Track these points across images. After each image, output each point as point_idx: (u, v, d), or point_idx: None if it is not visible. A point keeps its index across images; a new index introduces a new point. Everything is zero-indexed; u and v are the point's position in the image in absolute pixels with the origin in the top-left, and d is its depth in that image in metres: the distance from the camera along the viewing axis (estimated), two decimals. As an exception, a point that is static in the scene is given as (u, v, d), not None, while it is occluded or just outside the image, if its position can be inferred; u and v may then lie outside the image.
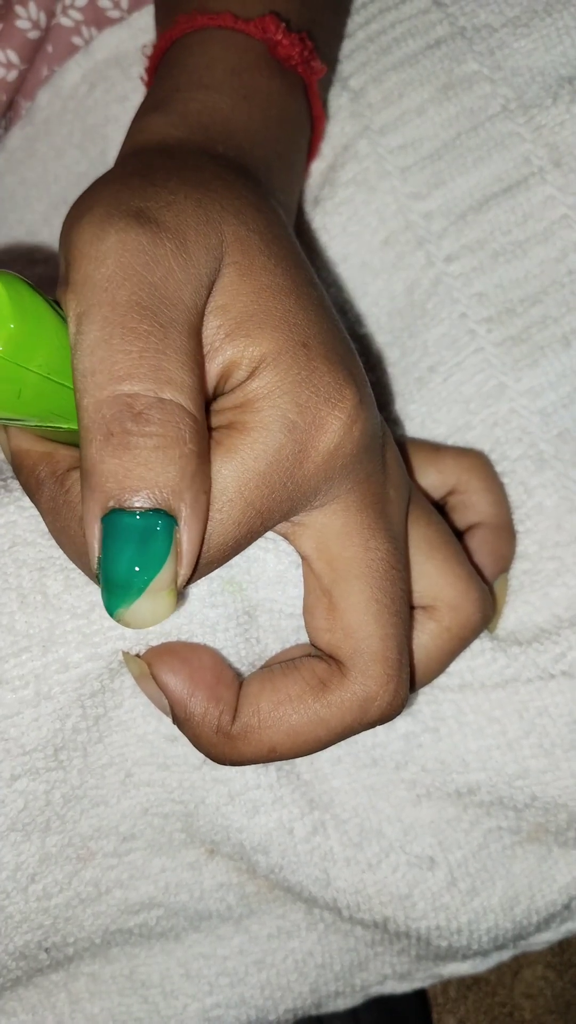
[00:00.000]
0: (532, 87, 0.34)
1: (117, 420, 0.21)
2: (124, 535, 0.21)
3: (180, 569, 0.22)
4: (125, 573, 0.22)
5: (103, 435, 0.21)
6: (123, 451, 0.21)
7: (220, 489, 0.23)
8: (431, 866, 0.33)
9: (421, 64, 0.36)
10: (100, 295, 0.22)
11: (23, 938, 0.32)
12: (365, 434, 0.24)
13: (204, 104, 0.29)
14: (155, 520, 0.21)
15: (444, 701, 0.32)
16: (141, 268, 0.22)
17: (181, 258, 0.22)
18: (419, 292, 0.35)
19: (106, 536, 0.22)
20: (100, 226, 0.22)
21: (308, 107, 0.33)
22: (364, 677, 0.25)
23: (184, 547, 0.22)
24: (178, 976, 0.35)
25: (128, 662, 0.27)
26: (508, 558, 0.32)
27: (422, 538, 0.27)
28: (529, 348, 0.33)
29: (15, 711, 0.27)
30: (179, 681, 0.26)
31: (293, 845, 0.31)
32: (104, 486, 0.21)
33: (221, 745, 0.26)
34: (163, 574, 0.22)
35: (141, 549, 0.21)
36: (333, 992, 0.37)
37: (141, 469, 0.21)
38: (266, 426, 0.23)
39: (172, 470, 0.21)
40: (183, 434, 0.21)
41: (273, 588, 0.28)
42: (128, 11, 0.39)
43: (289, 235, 0.26)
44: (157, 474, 0.21)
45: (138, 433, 0.21)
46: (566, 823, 0.33)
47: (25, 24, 0.38)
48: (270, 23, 0.31)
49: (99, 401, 0.21)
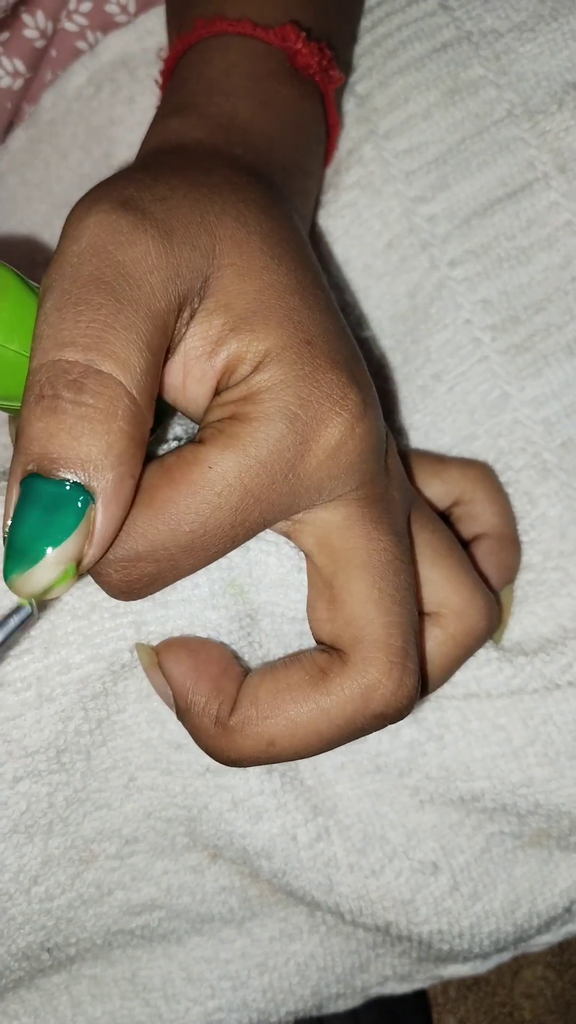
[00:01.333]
0: (538, 92, 0.34)
1: (50, 383, 0.21)
2: (34, 500, 0.21)
3: (89, 549, 0.22)
4: (26, 539, 0.21)
5: (35, 396, 0.21)
6: (49, 415, 0.21)
7: (220, 474, 0.22)
8: (434, 871, 0.33)
9: (427, 68, 0.35)
10: (66, 268, 0.22)
11: (25, 939, 0.32)
12: (369, 435, 0.24)
13: (223, 109, 0.29)
14: (70, 493, 0.21)
15: (449, 709, 0.32)
16: (112, 246, 0.22)
17: (161, 246, 0.22)
18: (422, 296, 0.35)
19: (20, 499, 0.21)
20: (86, 209, 0.23)
21: (324, 115, 0.33)
22: (365, 664, 0.24)
23: (97, 527, 0.21)
24: (180, 979, 0.35)
25: (140, 652, 0.27)
26: (513, 569, 0.32)
27: (427, 546, 0.27)
28: (533, 357, 0.33)
29: (17, 713, 0.27)
30: (184, 671, 0.26)
31: (296, 851, 0.31)
32: (28, 448, 0.21)
33: (219, 737, 0.25)
34: (64, 547, 0.21)
35: (47, 518, 0.21)
36: (334, 994, 0.37)
37: (65, 436, 0.21)
38: (268, 416, 0.23)
39: (97, 444, 0.21)
40: (115, 410, 0.21)
41: (275, 591, 0.28)
42: (135, 14, 0.39)
43: (298, 237, 0.26)
44: (81, 444, 0.21)
45: (68, 400, 0.21)
46: (568, 828, 0.33)
47: (33, 33, 0.38)
48: (290, 32, 0.31)
49: (40, 365, 0.21)
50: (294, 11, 0.32)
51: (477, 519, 0.32)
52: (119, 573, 0.23)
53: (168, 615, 0.27)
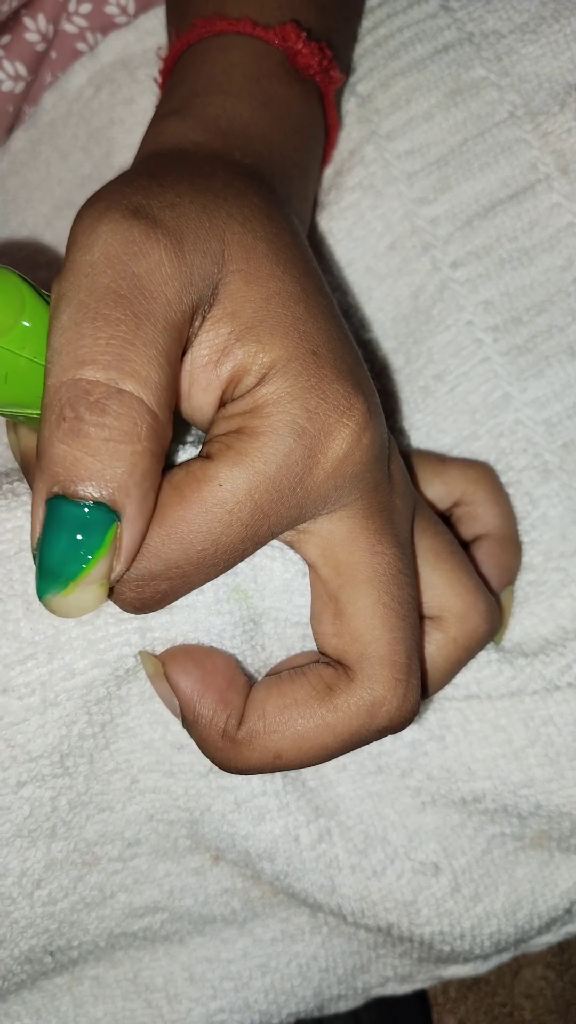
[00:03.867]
0: (539, 94, 0.34)
1: (71, 405, 0.21)
2: (62, 523, 0.21)
3: (116, 565, 0.22)
4: (58, 561, 0.22)
5: (56, 417, 0.21)
6: (73, 438, 0.21)
7: (230, 491, 0.23)
8: (435, 872, 0.33)
9: (429, 69, 0.35)
10: (80, 279, 0.22)
11: (28, 943, 0.32)
12: (374, 444, 0.24)
13: (222, 109, 0.29)
14: (96, 513, 0.21)
15: (450, 710, 0.32)
16: (126, 257, 0.22)
17: (173, 255, 0.22)
18: (424, 298, 0.35)
19: (47, 520, 0.22)
20: (97, 218, 0.23)
21: (324, 115, 0.33)
22: (371, 681, 0.25)
23: (124, 543, 0.22)
24: (182, 980, 0.35)
25: (144, 660, 0.27)
26: (514, 570, 0.32)
27: (428, 549, 0.27)
28: (535, 358, 0.33)
29: (21, 718, 0.27)
30: (190, 682, 0.26)
31: (299, 852, 0.31)
32: (52, 470, 0.21)
33: (226, 750, 0.26)
34: (96, 568, 0.22)
35: (77, 540, 0.21)
36: (336, 995, 0.37)
37: (90, 459, 0.21)
38: (276, 431, 0.23)
39: (121, 465, 0.21)
40: (138, 430, 0.21)
41: (279, 597, 0.28)
42: (134, 15, 0.39)
43: (300, 243, 0.26)
44: (105, 467, 0.21)
45: (91, 422, 0.21)
46: (569, 830, 0.33)
47: (34, 37, 0.38)
48: (290, 32, 0.31)
49: (60, 383, 0.21)
50: (295, 11, 0.32)
51: (478, 520, 0.32)
52: (133, 592, 0.23)
53: (172, 621, 0.27)
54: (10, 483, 0.29)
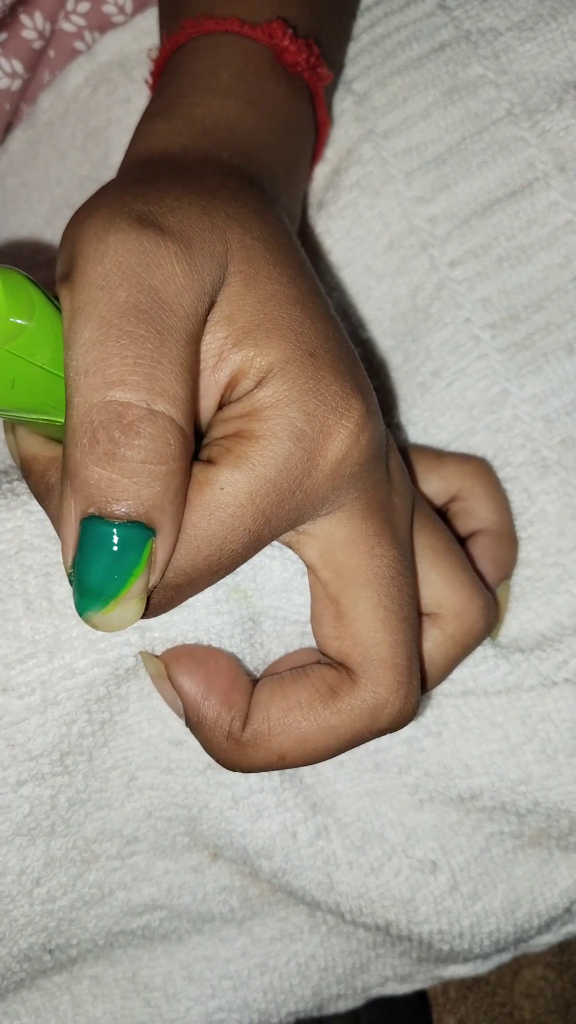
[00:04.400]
0: (537, 92, 0.34)
1: (105, 428, 0.21)
2: (101, 543, 0.22)
3: (152, 577, 0.23)
4: (99, 580, 0.22)
5: (89, 440, 0.21)
6: (109, 461, 0.21)
7: (232, 495, 0.23)
8: (433, 870, 0.33)
9: (426, 68, 0.35)
10: (97, 292, 0.22)
11: (27, 941, 0.32)
12: (372, 444, 0.24)
13: (210, 109, 0.29)
14: (133, 531, 0.22)
15: (447, 706, 0.32)
16: (141, 270, 0.22)
17: (184, 263, 0.22)
18: (423, 296, 0.35)
19: (83, 540, 0.22)
20: (102, 227, 0.22)
21: (313, 113, 0.33)
22: (374, 684, 0.25)
23: (159, 557, 0.22)
24: (180, 979, 0.35)
25: (146, 661, 0.27)
26: (510, 565, 0.32)
27: (426, 546, 0.27)
28: (533, 355, 0.33)
29: (22, 717, 0.27)
30: (194, 684, 0.26)
31: (296, 849, 0.31)
32: (87, 491, 0.21)
33: (231, 751, 0.26)
34: (135, 584, 0.22)
35: (116, 559, 0.22)
36: (335, 994, 0.37)
37: (126, 481, 0.21)
38: (275, 434, 0.23)
39: (157, 485, 0.21)
40: (171, 450, 0.21)
41: (278, 596, 0.28)
42: (131, 15, 0.39)
43: (294, 243, 0.26)
44: (141, 488, 0.21)
45: (126, 445, 0.21)
46: (568, 828, 0.33)
47: (31, 34, 0.38)
48: (277, 29, 0.31)
49: (90, 404, 0.21)
50: (284, 9, 0.32)
51: (475, 515, 0.32)
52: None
53: (172, 620, 0.27)
54: (9, 482, 0.29)
